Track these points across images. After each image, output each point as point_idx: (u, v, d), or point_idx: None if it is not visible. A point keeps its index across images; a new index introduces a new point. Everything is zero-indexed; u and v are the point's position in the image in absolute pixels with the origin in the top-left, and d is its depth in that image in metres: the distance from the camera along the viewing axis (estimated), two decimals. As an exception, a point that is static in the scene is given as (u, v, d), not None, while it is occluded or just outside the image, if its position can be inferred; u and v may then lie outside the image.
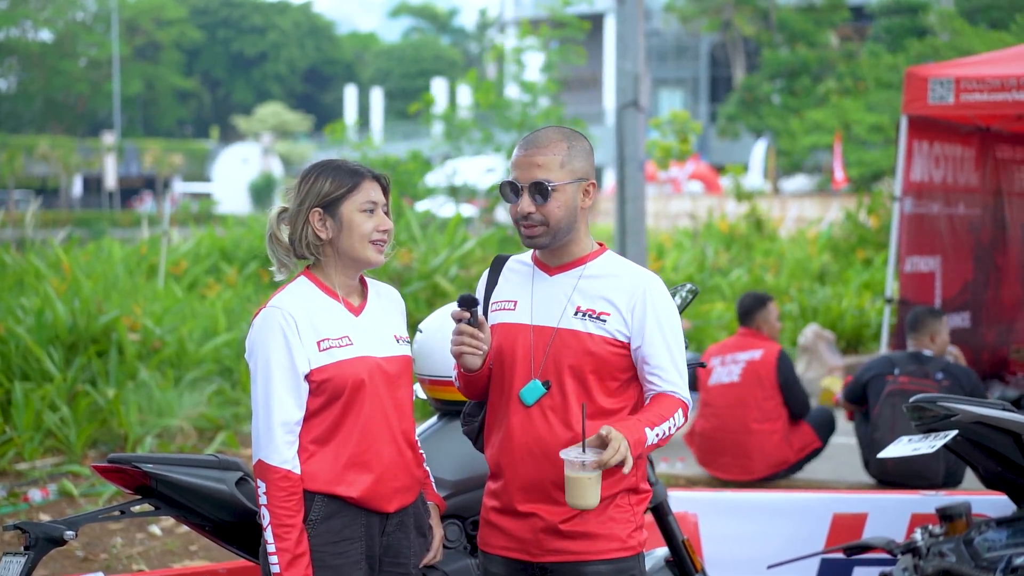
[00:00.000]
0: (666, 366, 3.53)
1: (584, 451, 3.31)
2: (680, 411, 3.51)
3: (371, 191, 3.58)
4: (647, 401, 3.56)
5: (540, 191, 3.51)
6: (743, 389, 8.19)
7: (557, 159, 3.52)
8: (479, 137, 15.81)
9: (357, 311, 3.62)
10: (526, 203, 3.52)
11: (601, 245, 3.67)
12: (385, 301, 3.72)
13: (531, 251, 3.70)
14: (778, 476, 8.26)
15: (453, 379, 3.76)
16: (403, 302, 3.80)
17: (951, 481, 7.54)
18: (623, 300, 3.53)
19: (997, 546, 4.78)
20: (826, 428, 8.34)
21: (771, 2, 45.24)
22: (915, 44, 22.76)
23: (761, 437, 8.15)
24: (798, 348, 12.11)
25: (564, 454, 3.33)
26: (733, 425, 8.20)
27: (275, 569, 3.45)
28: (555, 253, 3.61)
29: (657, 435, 3.43)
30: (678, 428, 3.51)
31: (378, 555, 3.59)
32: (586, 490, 3.30)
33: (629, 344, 3.54)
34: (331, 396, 3.52)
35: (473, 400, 3.78)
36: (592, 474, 3.29)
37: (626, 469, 3.29)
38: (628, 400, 3.59)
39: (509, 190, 3.57)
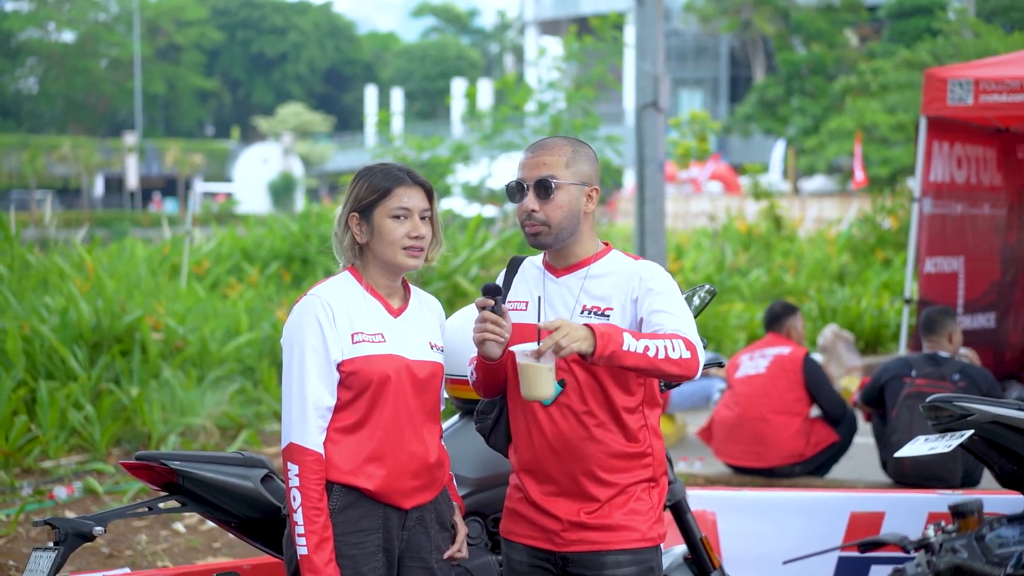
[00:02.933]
0: (667, 318, 3.53)
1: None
2: (681, 342, 3.44)
3: (404, 197, 3.63)
4: None
5: (544, 187, 3.62)
6: (767, 380, 8.29)
7: (562, 160, 3.65)
8: (509, 138, 15.77)
9: (396, 313, 3.69)
10: (530, 200, 3.64)
11: (607, 244, 3.76)
12: (426, 309, 3.79)
13: (542, 253, 3.79)
14: (792, 468, 8.29)
15: (469, 376, 3.82)
16: (443, 314, 3.87)
17: (969, 482, 7.55)
18: (622, 293, 3.63)
19: (1009, 542, 4.82)
20: (847, 427, 8.38)
21: (790, 1, 45.17)
22: (928, 43, 22.68)
23: (777, 427, 8.23)
24: (817, 348, 12.13)
25: (515, 347, 3.43)
26: (752, 413, 8.30)
27: (302, 551, 3.51)
28: (560, 255, 3.72)
29: (646, 347, 3.38)
30: (680, 358, 3.42)
31: (398, 550, 3.64)
32: (535, 379, 3.39)
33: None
34: (359, 390, 3.58)
35: (487, 398, 3.86)
36: (540, 364, 3.37)
37: (575, 348, 3.30)
38: (640, 394, 3.68)
39: (515, 189, 3.67)
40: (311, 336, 3.57)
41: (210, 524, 7.36)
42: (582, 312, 3.64)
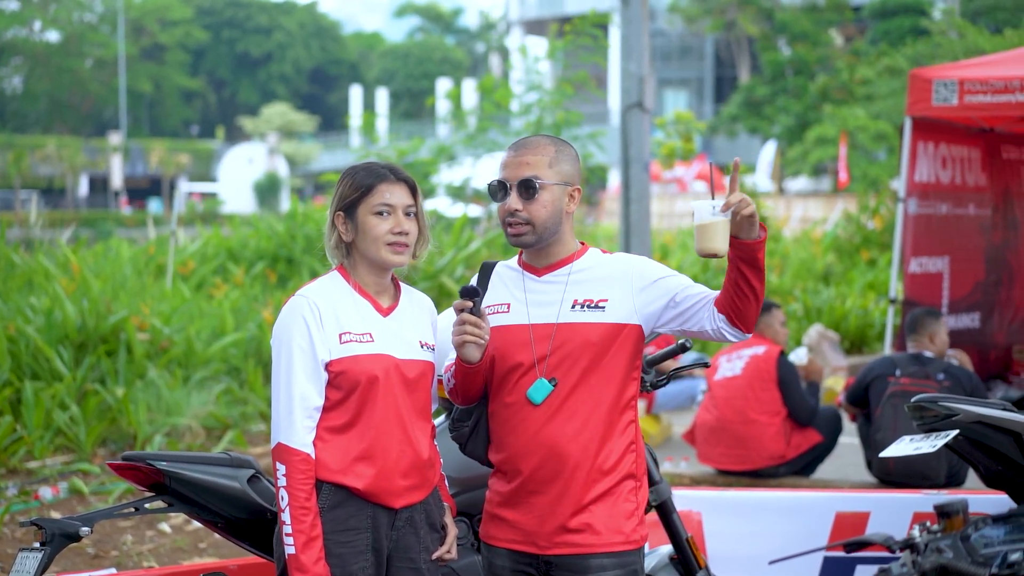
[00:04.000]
0: (699, 289, 3.62)
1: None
2: None
3: (386, 193, 3.63)
4: (715, 306, 3.58)
5: (528, 187, 3.61)
6: (743, 381, 8.29)
7: (545, 159, 3.65)
8: (493, 138, 15.76)
9: (386, 312, 3.69)
10: (513, 200, 3.63)
11: (583, 244, 3.77)
12: (417, 308, 3.78)
13: (517, 256, 3.79)
14: (775, 470, 8.30)
15: (445, 383, 3.81)
16: (435, 312, 3.86)
17: (953, 481, 7.58)
18: (619, 285, 3.65)
19: (993, 542, 4.84)
20: (830, 426, 8.38)
21: (775, 2, 45.26)
22: (910, 47, 22.74)
23: (757, 428, 8.23)
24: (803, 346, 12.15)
25: (694, 203, 3.48)
26: (732, 416, 8.30)
27: (290, 551, 3.51)
28: (542, 254, 3.71)
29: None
30: (761, 291, 3.53)
31: (387, 549, 3.64)
32: (716, 233, 3.44)
33: (639, 326, 3.64)
34: (347, 390, 3.58)
35: (464, 405, 3.83)
36: (721, 218, 3.43)
37: (750, 212, 3.39)
38: (631, 390, 3.68)
39: (498, 188, 3.67)
40: (298, 336, 3.57)
41: (196, 524, 7.35)
42: (573, 306, 3.64)
